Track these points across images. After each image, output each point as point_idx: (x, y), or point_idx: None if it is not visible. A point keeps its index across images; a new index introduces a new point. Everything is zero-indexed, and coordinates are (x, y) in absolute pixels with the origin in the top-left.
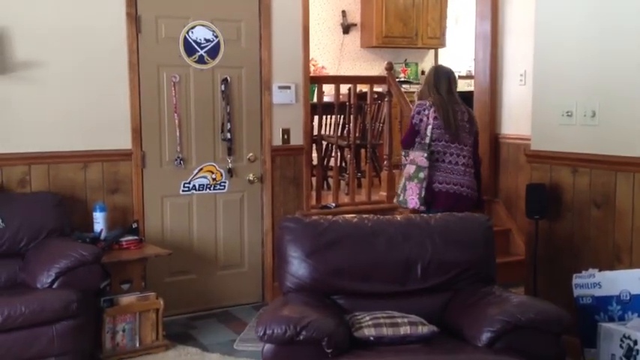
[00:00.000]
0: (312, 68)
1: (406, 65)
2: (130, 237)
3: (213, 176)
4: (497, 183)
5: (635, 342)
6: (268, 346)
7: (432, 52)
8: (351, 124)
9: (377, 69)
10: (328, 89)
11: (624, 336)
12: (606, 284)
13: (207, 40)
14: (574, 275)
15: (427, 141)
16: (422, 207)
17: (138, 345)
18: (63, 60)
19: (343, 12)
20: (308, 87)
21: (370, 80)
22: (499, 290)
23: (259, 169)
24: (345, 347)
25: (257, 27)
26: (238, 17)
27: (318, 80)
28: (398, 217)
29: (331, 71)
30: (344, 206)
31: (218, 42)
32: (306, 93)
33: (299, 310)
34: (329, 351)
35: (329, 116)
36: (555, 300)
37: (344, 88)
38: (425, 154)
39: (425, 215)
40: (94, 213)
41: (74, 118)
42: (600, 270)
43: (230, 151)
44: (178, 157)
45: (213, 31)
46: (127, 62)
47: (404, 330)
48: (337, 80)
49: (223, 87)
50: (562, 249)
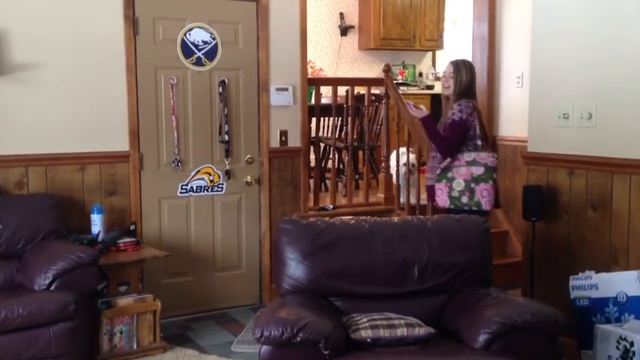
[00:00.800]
0: (309, 70)
1: (404, 67)
2: (128, 239)
3: (210, 178)
4: None
5: (631, 344)
6: (265, 348)
7: (430, 54)
8: (349, 126)
9: (375, 71)
10: (326, 91)
11: (621, 337)
12: (603, 286)
13: (204, 42)
14: (571, 277)
15: (479, 142)
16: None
17: (135, 347)
18: (61, 62)
19: (341, 14)
20: (306, 89)
21: (368, 82)
22: (496, 292)
23: (257, 171)
24: (342, 349)
25: (255, 29)
26: (236, 19)
27: (315, 82)
28: (395, 219)
29: (329, 73)
30: (341, 208)
31: (216, 44)
32: (303, 95)
33: (296, 312)
34: (326, 353)
35: (327, 118)
36: (552, 302)
37: (342, 90)
38: (495, 155)
39: (422, 217)
40: (92, 215)
41: (72, 120)
42: (597, 272)
43: (228, 153)
44: (176, 159)
45: (210, 33)
46: (125, 64)
47: (401, 332)
48: (335, 82)
49: (221, 89)
50: (559, 251)
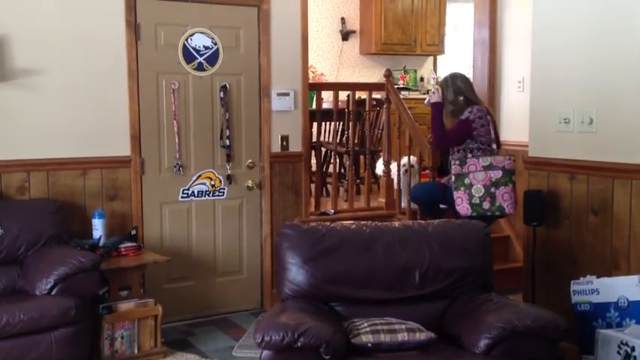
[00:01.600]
0: (311, 75)
1: (405, 72)
2: (129, 244)
3: (212, 183)
4: None
5: (632, 348)
6: (266, 353)
7: (431, 59)
8: (350, 131)
9: (376, 76)
10: (327, 96)
11: (622, 342)
12: (604, 291)
13: (206, 47)
14: (572, 282)
15: (495, 146)
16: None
17: (136, 352)
18: (62, 67)
19: (342, 19)
20: (307, 94)
21: (369, 87)
22: (497, 297)
23: (258, 176)
24: (343, 354)
25: (256, 34)
26: (237, 24)
27: (317, 87)
28: (396, 224)
29: (330, 78)
30: (343, 213)
31: (217, 49)
32: (305, 100)
33: (297, 317)
34: (327, 357)
35: (328, 123)
36: (553, 307)
37: (343, 95)
38: (512, 158)
39: (422, 222)
40: (93, 220)
41: (73, 125)
42: (598, 276)
43: (229, 158)
44: (177, 164)
45: (212, 38)
46: (127, 69)
47: (402, 336)
48: (336, 87)
49: (222, 94)
50: (560, 255)
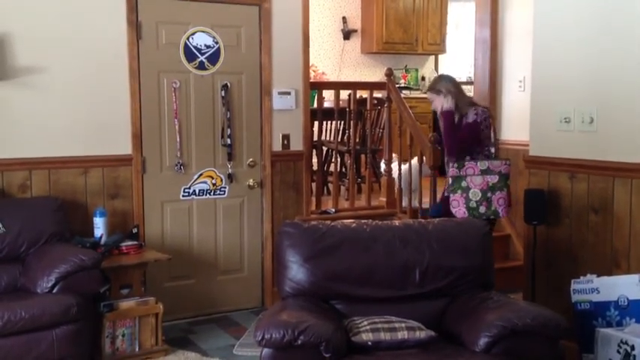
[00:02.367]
0: (312, 74)
1: (406, 71)
2: (130, 242)
3: (213, 181)
4: None
5: (632, 347)
6: (266, 351)
7: (433, 58)
8: (351, 130)
9: (377, 75)
10: (328, 95)
11: (622, 341)
12: (604, 290)
13: (207, 46)
14: (572, 281)
15: (492, 150)
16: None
17: (137, 350)
18: (64, 66)
19: (344, 18)
20: (308, 93)
21: (370, 86)
22: (497, 295)
23: (259, 175)
24: (343, 352)
25: (257, 33)
26: (238, 23)
27: (318, 86)
28: (396, 223)
29: (331, 77)
30: (344, 211)
31: (218, 48)
32: (306, 99)
33: (297, 315)
34: (327, 356)
35: (329, 122)
36: (554, 305)
37: (344, 94)
38: (508, 162)
39: (423, 220)
40: (94, 218)
41: (75, 124)
42: (598, 275)
43: (230, 157)
44: (178, 163)
45: (213, 37)
46: (128, 68)
47: (402, 335)
48: (337, 86)
49: (223, 93)
50: (560, 254)
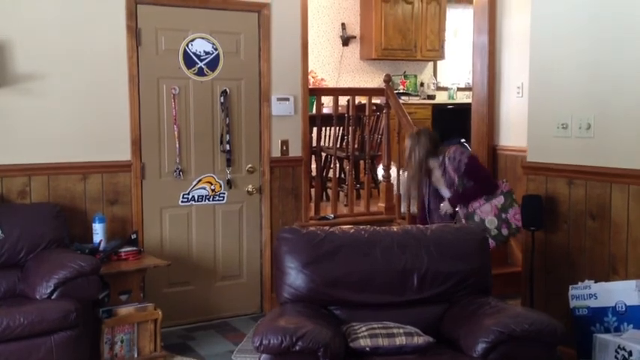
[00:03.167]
0: (311, 80)
1: (405, 77)
2: (129, 248)
3: (212, 187)
4: None
5: (630, 353)
6: (265, 357)
7: (431, 64)
8: (350, 136)
9: (376, 81)
10: (327, 101)
11: (619, 347)
12: (602, 295)
13: (206, 53)
14: (570, 286)
15: None
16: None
17: (136, 356)
18: (63, 72)
19: (343, 24)
20: (307, 99)
21: (369, 92)
22: (495, 301)
23: (258, 181)
24: (341, 358)
25: (256, 39)
26: (238, 30)
27: (317, 92)
28: (394, 228)
29: (330, 83)
30: (342, 217)
31: (217, 54)
32: (305, 105)
33: (295, 321)
34: None
35: (328, 128)
36: (552, 311)
37: (343, 100)
38: (504, 180)
39: (421, 226)
40: (94, 224)
41: (74, 130)
42: (596, 281)
43: (229, 163)
44: (177, 169)
45: (212, 44)
46: (127, 74)
47: (399, 340)
48: (336, 92)
49: (222, 99)
50: (558, 260)
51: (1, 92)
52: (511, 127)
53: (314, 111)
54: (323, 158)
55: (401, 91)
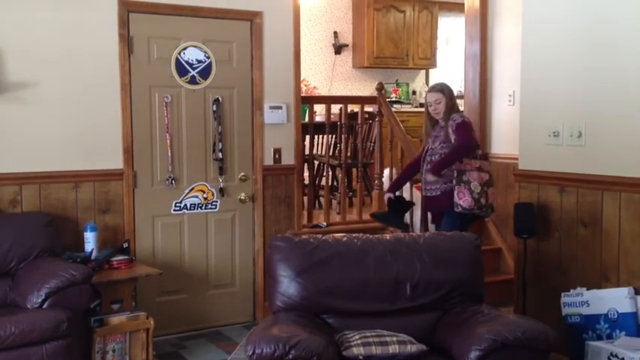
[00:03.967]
0: (303, 88)
1: (397, 85)
2: (121, 257)
3: (204, 196)
4: None
5: None
6: None
7: (423, 73)
8: (343, 144)
9: (368, 89)
10: (320, 109)
11: (612, 354)
12: (594, 303)
13: (198, 61)
14: (562, 294)
15: (480, 152)
16: None
17: None
18: (55, 80)
19: (335, 33)
20: (299, 107)
21: (361, 100)
22: (487, 309)
23: (251, 189)
24: None
25: (249, 48)
26: (230, 38)
27: (309, 100)
28: (387, 236)
29: (323, 91)
30: (335, 225)
31: (210, 63)
32: (297, 113)
33: (288, 329)
34: None
35: (320, 136)
36: (544, 319)
37: (335, 108)
38: (489, 163)
39: (414, 234)
40: (85, 233)
41: (66, 138)
42: (588, 289)
43: (221, 171)
44: (170, 177)
45: (204, 52)
46: (119, 83)
47: (393, 349)
48: (328, 100)
49: (215, 107)
50: (550, 268)
51: None
52: (503, 135)
53: (306, 119)
54: (315, 166)
55: (393, 99)
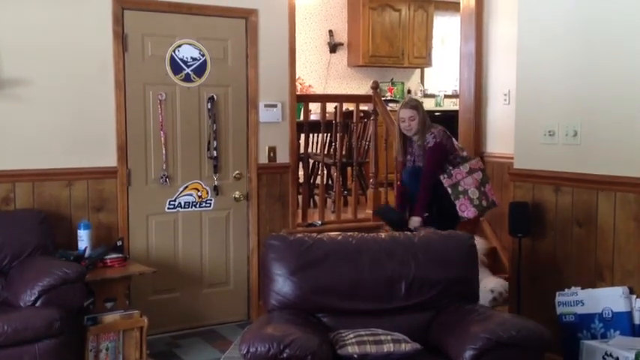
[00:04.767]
0: (298, 87)
1: (392, 84)
2: (115, 255)
3: (199, 194)
4: None
5: (617, 359)
6: None
7: (418, 72)
8: (338, 143)
9: (364, 88)
10: (315, 107)
11: (606, 353)
12: (589, 302)
13: (193, 59)
14: (557, 293)
15: (465, 153)
16: None
17: None
18: (49, 78)
19: (330, 31)
20: (294, 105)
21: (356, 99)
22: (482, 308)
23: (245, 187)
24: None
25: (244, 46)
26: (225, 36)
27: (304, 99)
28: (382, 235)
29: (318, 90)
30: (330, 224)
31: (205, 60)
32: (292, 111)
33: (283, 328)
34: None
35: (315, 134)
36: (539, 318)
37: (330, 107)
38: (478, 158)
39: (409, 233)
40: (79, 231)
41: (60, 136)
42: (583, 288)
43: (216, 169)
44: (164, 175)
45: (199, 50)
46: (114, 80)
47: (387, 347)
48: (323, 99)
49: (210, 105)
50: (545, 267)
51: None
52: (498, 134)
53: (301, 118)
54: (310, 165)
55: (388, 98)
